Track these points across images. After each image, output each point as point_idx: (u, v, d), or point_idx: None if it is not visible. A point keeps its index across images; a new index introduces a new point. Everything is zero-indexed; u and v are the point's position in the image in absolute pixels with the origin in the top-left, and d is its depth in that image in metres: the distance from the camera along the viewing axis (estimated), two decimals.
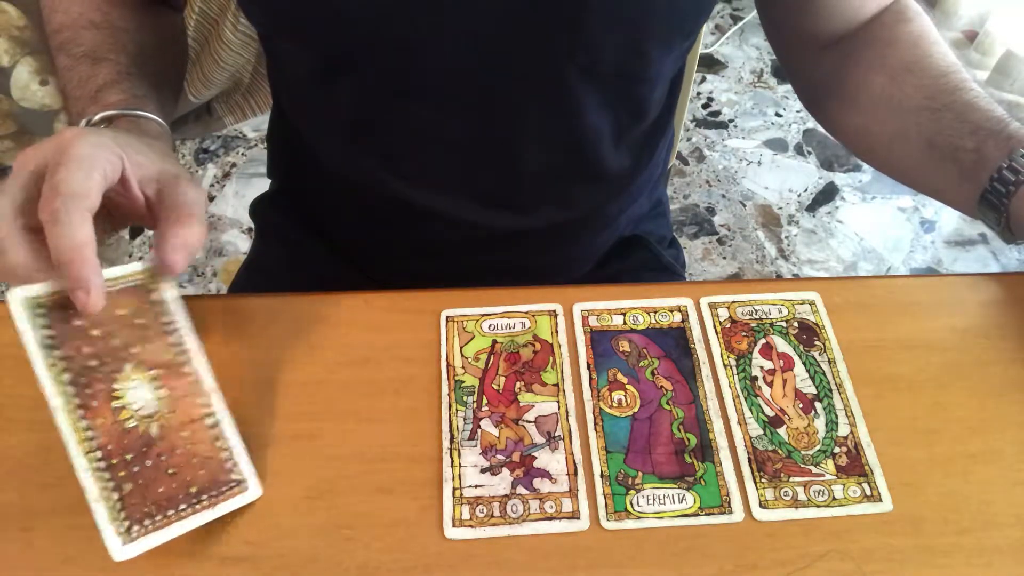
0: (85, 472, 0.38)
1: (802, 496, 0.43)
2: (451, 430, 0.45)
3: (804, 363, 0.48)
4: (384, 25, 0.48)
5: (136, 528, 0.39)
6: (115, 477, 0.39)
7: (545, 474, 0.43)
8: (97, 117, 0.47)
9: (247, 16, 0.55)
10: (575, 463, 0.44)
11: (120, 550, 0.38)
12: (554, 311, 0.50)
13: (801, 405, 0.46)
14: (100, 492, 0.38)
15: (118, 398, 0.40)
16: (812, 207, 1.58)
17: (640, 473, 0.43)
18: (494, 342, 0.48)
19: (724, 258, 1.51)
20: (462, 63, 0.50)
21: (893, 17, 0.58)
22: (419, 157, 0.57)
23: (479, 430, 0.45)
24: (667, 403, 0.46)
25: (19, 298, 0.38)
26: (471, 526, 0.41)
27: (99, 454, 0.39)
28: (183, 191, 0.42)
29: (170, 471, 0.40)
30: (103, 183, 0.39)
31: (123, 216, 0.43)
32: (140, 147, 0.43)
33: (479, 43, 0.49)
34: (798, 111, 1.74)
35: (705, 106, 1.76)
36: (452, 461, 0.44)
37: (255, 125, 1.67)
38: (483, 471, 0.43)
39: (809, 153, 1.67)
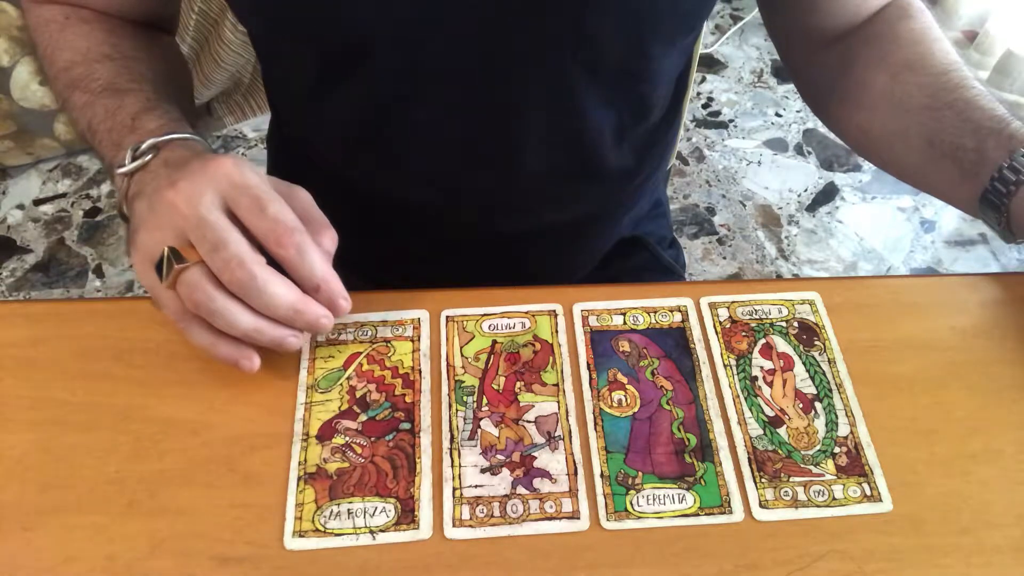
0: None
1: (802, 496, 0.43)
2: (451, 430, 0.45)
3: (804, 363, 0.48)
4: (383, 22, 0.48)
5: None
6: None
7: (545, 474, 0.43)
8: (146, 144, 0.46)
9: (241, 20, 0.55)
10: (575, 463, 0.44)
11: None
12: (554, 311, 0.50)
13: (801, 405, 0.46)
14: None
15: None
16: (812, 207, 1.58)
17: (640, 473, 0.43)
18: (494, 342, 0.48)
19: (724, 258, 1.51)
20: (462, 60, 0.50)
21: (895, 14, 0.58)
22: (419, 158, 0.57)
23: (479, 430, 0.45)
24: (667, 403, 0.46)
25: None
26: (471, 526, 0.41)
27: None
28: (301, 198, 0.45)
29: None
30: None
31: None
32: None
33: (479, 39, 0.49)
34: (798, 111, 1.74)
35: (705, 106, 1.76)
36: (452, 461, 0.44)
37: (255, 125, 1.67)
38: (483, 471, 0.43)
39: (809, 153, 1.67)
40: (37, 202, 1.54)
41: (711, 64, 1.85)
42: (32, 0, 0.57)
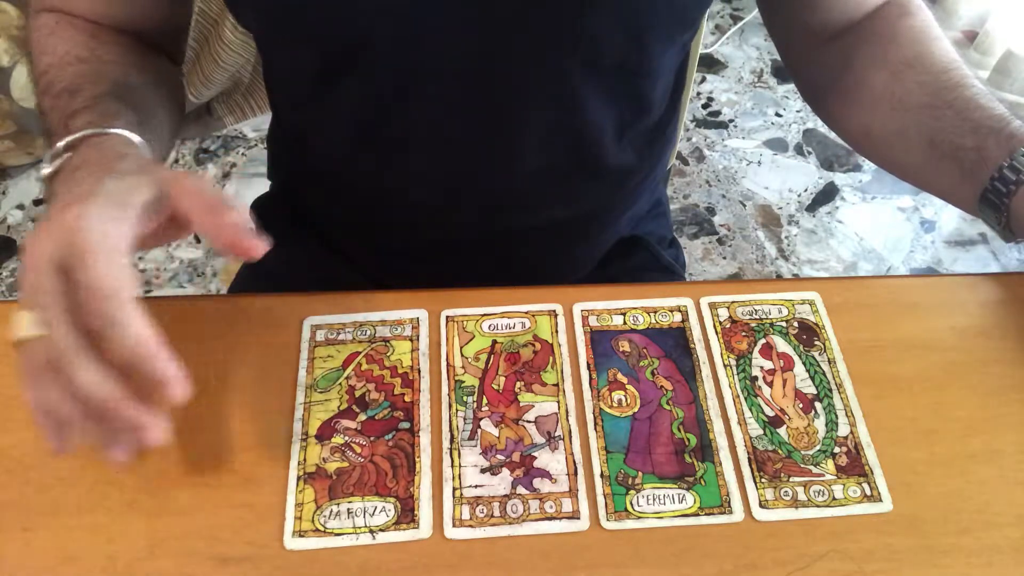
0: None
1: (802, 496, 0.43)
2: (451, 430, 0.45)
3: (804, 363, 0.48)
4: (382, 22, 0.48)
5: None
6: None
7: (545, 474, 0.43)
8: (61, 144, 0.44)
9: (240, 21, 0.55)
10: (575, 463, 0.44)
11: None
12: (554, 311, 0.50)
13: (801, 405, 0.46)
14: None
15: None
16: (812, 207, 1.58)
17: (640, 473, 0.43)
18: (494, 342, 0.48)
19: (724, 258, 1.51)
20: (461, 60, 0.50)
21: (895, 11, 0.58)
22: (419, 156, 0.57)
23: (479, 430, 0.45)
24: (667, 403, 0.46)
25: None
26: (471, 526, 0.41)
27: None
28: (190, 185, 0.39)
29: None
30: (130, 261, 0.37)
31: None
32: (125, 178, 0.40)
33: (478, 39, 0.49)
34: (798, 111, 1.74)
35: (705, 106, 1.76)
36: (452, 461, 0.44)
37: (255, 125, 1.67)
38: (483, 471, 0.43)
39: (809, 153, 1.67)
40: (37, 202, 1.54)
41: (711, 64, 1.85)
42: (35, 9, 0.56)
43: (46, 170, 0.44)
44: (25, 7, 1.33)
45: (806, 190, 1.61)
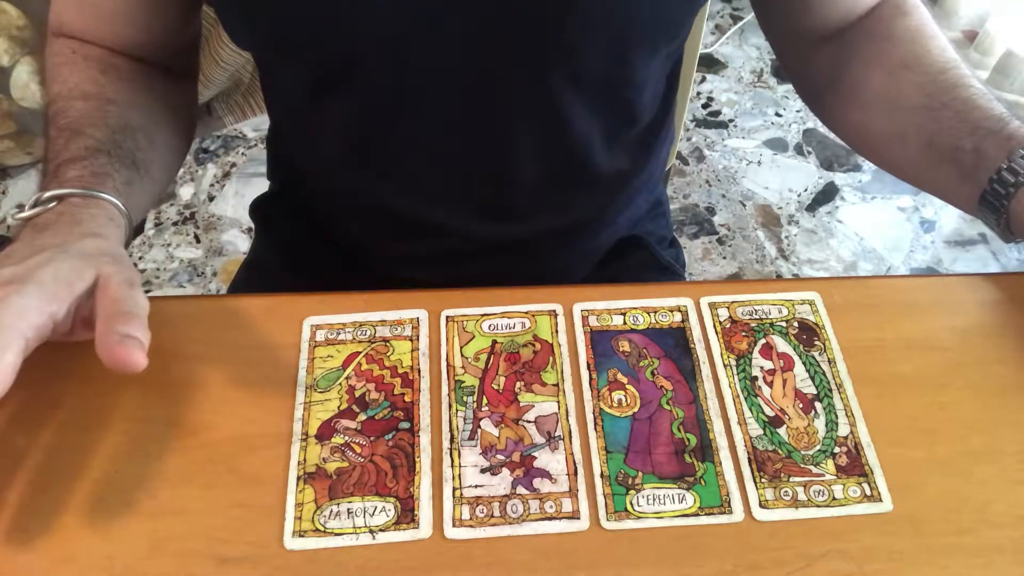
0: None
1: (802, 496, 0.43)
2: (451, 430, 0.45)
3: (804, 363, 0.48)
4: (373, 42, 0.48)
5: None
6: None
7: (545, 474, 0.43)
8: (46, 195, 0.45)
9: (233, 39, 0.54)
10: (575, 463, 0.44)
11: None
12: (554, 311, 0.50)
13: (801, 405, 0.46)
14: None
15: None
16: (812, 207, 1.58)
17: (640, 473, 0.43)
18: (494, 342, 0.48)
19: (724, 258, 1.51)
20: (449, 77, 0.50)
21: (891, 11, 0.58)
22: (412, 169, 0.57)
23: (479, 430, 0.45)
24: (667, 403, 0.46)
25: None
26: (471, 526, 0.41)
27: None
28: (115, 290, 0.41)
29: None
30: (17, 361, 0.39)
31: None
32: (70, 261, 0.41)
33: (464, 57, 0.49)
34: (798, 111, 1.74)
35: (705, 106, 1.76)
36: (452, 461, 0.44)
37: (255, 125, 1.67)
38: (483, 471, 0.43)
39: (809, 153, 1.67)
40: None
41: (711, 64, 1.85)
42: (51, 32, 0.56)
43: (24, 214, 0.46)
44: (26, 7, 1.33)
45: (806, 190, 1.61)
